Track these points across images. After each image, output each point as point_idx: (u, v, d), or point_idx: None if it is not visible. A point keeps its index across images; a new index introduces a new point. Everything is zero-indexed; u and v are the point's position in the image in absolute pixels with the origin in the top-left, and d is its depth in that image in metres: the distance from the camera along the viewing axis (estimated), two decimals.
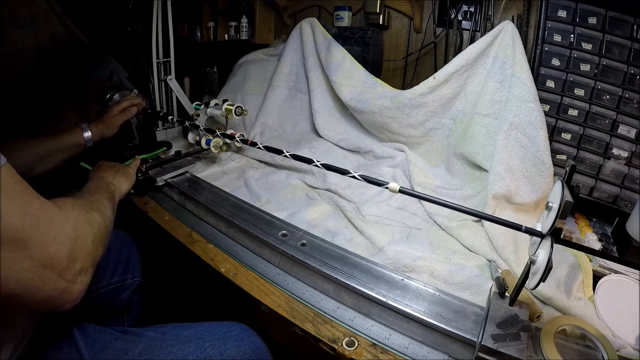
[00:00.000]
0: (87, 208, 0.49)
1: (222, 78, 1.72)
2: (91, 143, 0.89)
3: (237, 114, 1.01)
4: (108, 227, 0.52)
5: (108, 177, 0.72)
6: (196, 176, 1.00)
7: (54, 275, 0.38)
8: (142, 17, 1.36)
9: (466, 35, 1.15)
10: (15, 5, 1.04)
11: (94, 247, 0.45)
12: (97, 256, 0.46)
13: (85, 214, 0.47)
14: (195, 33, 1.87)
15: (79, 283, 0.41)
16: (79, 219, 0.44)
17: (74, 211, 0.44)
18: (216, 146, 1.01)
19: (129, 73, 1.34)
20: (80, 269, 0.41)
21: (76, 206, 0.46)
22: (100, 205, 0.54)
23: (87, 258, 0.43)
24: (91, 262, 0.44)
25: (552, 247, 0.44)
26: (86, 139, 0.88)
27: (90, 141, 0.88)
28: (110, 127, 0.93)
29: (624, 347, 0.54)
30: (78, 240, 0.42)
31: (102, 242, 0.48)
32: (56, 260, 0.38)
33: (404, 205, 0.91)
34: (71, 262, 0.40)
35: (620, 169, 0.82)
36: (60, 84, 1.16)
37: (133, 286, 0.83)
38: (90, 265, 0.44)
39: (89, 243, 0.44)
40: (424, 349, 0.53)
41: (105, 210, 0.54)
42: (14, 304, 0.38)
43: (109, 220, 0.54)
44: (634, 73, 0.78)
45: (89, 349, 0.52)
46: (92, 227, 0.46)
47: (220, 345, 0.55)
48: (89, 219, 0.47)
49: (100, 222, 0.49)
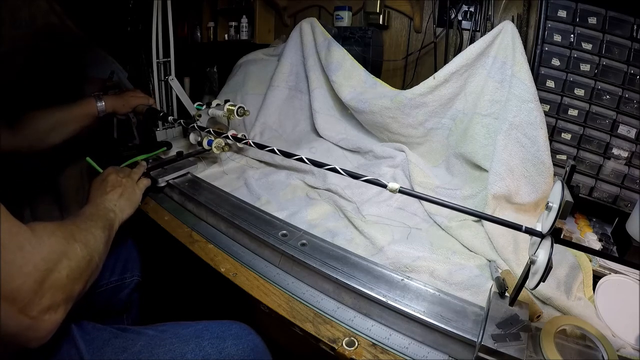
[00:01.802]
0: (70, 238, 0.45)
1: (222, 78, 1.72)
2: (103, 114, 0.89)
3: (239, 114, 1.01)
4: (93, 261, 0.48)
5: (110, 201, 0.67)
6: (196, 176, 1.00)
7: (14, 311, 0.34)
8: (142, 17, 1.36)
9: (466, 35, 1.15)
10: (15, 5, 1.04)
11: (69, 282, 0.41)
12: (72, 292, 0.42)
13: (66, 244, 0.43)
14: (195, 33, 1.87)
15: (46, 321, 0.38)
16: (55, 249, 0.40)
17: (51, 239, 0.40)
18: (218, 147, 1.01)
19: (129, 73, 1.34)
20: (48, 305, 0.37)
21: (56, 233, 0.42)
22: (89, 235, 0.50)
23: (57, 293, 0.39)
24: (63, 298, 0.40)
25: (552, 247, 0.44)
26: (99, 108, 0.88)
27: (103, 111, 0.88)
28: (125, 104, 0.94)
29: (624, 347, 0.54)
30: (49, 273, 0.38)
31: (82, 276, 0.44)
32: (19, 294, 0.34)
33: (404, 205, 0.91)
34: (37, 296, 0.36)
35: (620, 169, 0.82)
36: (60, 83, 1.16)
37: (132, 285, 0.83)
38: (62, 301, 0.40)
39: (63, 277, 0.40)
40: (424, 349, 0.53)
41: (93, 242, 0.50)
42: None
43: (96, 252, 0.50)
44: (634, 73, 0.78)
45: (87, 347, 0.52)
46: (69, 260, 0.42)
47: (219, 343, 0.55)
48: (68, 251, 0.43)
49: (82, 255, 0.45)
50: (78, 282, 0.43)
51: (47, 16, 1.13)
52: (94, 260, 0.49)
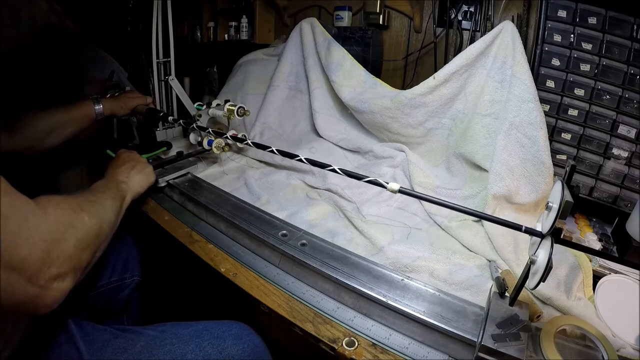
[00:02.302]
0: (77, 208, 0.45)
1: (222, 78, 1.72)
2: (101, 117, 0.89)
3: (239, 114, 1.01)
4: (102, 231, 0.48)
5: (122, 173, 0.68)
6: (196, 176, 1.00)
7: (23, 280, 0.35)
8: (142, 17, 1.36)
9: (466, 35, 1.15)
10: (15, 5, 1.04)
11: (77, 252, 0.41)
12: (80, 261, 0.42)
13: (72, 215, 0.43)
14: (195, 33, 1.87)
15: (54, 289, 0.38)
16: (61, 220, 0.41)
17: (57, 210, 0.41)
18: (218, 147, 1.00)
19: (129, 73, 1.34)
20: (56, 274, 0.38)
21: (62, 205, 0.43)
22: (97, 206, 0.51)
23: (65, 263, 0.39)
24: (71, 267, 0.40)
25: (552, 247, 0.44)
26: (97, 111, 0.88)
27: (101, 114, 0.89)
28: (122, 106, 0.94)
29: (624, 347, 0.54)
30: (56, 243, 0.38)
31: (90, 246, 0.45)
32: (26, 263, 0.35)
33: (404, 205, 0.91)
34: (44, 266, 0.37)
35: (620, 169, 0.82)
36: (60, 84, 1.16)
37: (132, 285, 0.83)
38: (70, 270, 0.40)
39: (70, 246, 0.40)
40: (424, 349, 0.53)
41: (102, 212, 0.50)
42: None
43: (106, 223, 0.50)
44: (634, 73, 0.78)
45: (88, 348, 0.52)
46: (76, 230, 0.42)
47: (219, 343, 0.55)
48: (75, 220, 0.43)
49: (91, 225, 0.45)
50: (86, 251, 0.43)
51: (47, 16, 1.13)
52: (103, 230, 0.48)
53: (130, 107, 0.96)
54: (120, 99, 0.95)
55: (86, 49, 1.25)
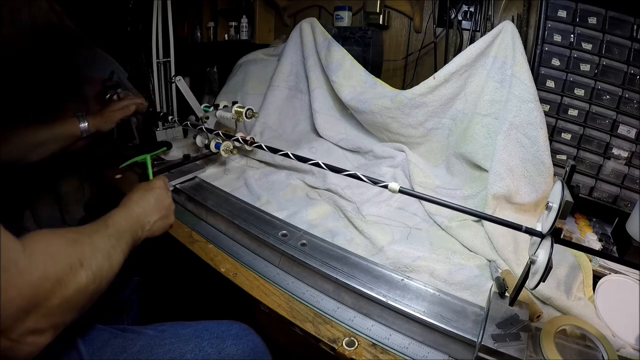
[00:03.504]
0: (75, 262, 0.39)
1: (222, 78, 1.72)
2: (86, 134, 0.87)
3: (248, 116, 0.98)
4: (100, 288, 0.44)
5: (150, 216, 0.59)
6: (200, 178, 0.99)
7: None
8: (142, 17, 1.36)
9: (466, 35, 1.15)
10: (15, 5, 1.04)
11: (60, 312, 0.37)
12: (63, 320, 0.38)
13: (66, 271, 0.38)
14: (195, 33, 1.87)
15: (29, 344, 0.35)
16: (49, 274, 0.36)
17: (47, 262, 0.36)
18: (226, 150, 0.98)
19: (129, 73, 1.34)
20: (32, 328, 0.34)
21: (58, 254, 0.38)
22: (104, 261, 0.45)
23: (43, 320, 0.35)
24: (49, 324, 0.36)
25: (552, 247, 0.44)
26: (82, 129, 0.86)
27: (86, 132, 0.87)
28: (107, 122, 0.92)
29: (624, 347, 0.54)
30: (38, 300, 0.34)
31: (79, 305, 0.40)
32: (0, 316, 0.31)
33: (404, 205, 0.91)
34: (19, 321, 0.33)
35: (620, 169, 0.82)
36: (60, 83, 1.16)
37: (132, 285, 0.83)
38: (48, 327, 0.36)
39: (54, 305, 0.36)
40: (424, 349, 0.53)
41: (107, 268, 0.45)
42: None
43: (107, 278, 0.45)
44: (634, 73, 0.78)
45: (87, 347, 0.52)
46: (65, 289, 0.37)
47: (219, 343, 0.55)
48: (67, 279, 0.37)
49: (86, 284, 0.40)
50: (72, 311, 0.39)
51: (47, 16, 1.13)
52: (100, 287, 0.44)
53: (114, 121, 0.93)
54: (104, 115, 0.92)
55: (86, 49, 1.25)
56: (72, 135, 0.85)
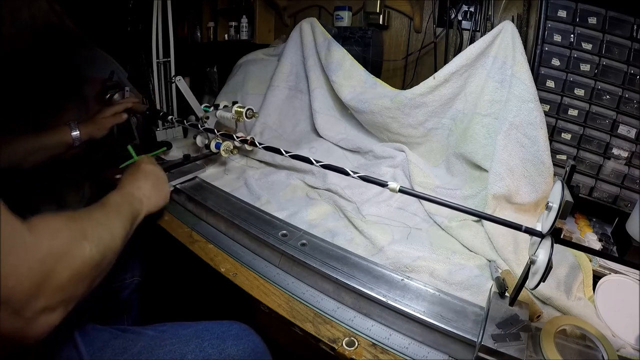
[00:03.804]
0: (78, 236, 0.41)
1: (222, 78, 1.72)
2: (78, 142, 0.86)
3: (248, 116, 0.98)
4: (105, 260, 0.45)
5: (141, 188, 0.62)
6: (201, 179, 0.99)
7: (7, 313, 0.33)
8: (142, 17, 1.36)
9: (466, 35, 1.15)
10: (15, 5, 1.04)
11: (71, 284, 0.38)
12: (74, 293, 0.39)
13: (70, 243, 0.39)
14: (195, 33, 1.87)
15: (41, 322, 0.36)
16: (55, 249, 0.37)
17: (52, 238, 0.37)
18: (226, 150, 0.98)
19: (129, 73, 1.34)
20: (44, 306, 0.35)
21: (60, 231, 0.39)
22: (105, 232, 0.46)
23: (55, 295, 0.36)
24: (62, 299, 0.37)
25: (552, 247, 0.44)
26: (74, 137, 0.85)
27: (78, 140, 0.86)
28: (100, 129, 0.91)
29: (624, 347, 0.54)
30: (47, 275, 0.35)
31: (88, 277, 0.41)
32: (13, 295, 0.32)
33: (404, 205, 0.91)
34: (32, 298, 0.34)
35: (620, 169, 0.82)
36: (60, 83, 1.16)
37: (132, 285, 0.83)
38: (61, 303, 0.37)
39: (64, 278, 0.37)
40: (424, 349, 0.53)
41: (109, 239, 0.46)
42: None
43: (111, 250, 0.46)
44: (634, 73, 0.78)
45: (87, 348, 0.52)
46: (73, 260, 0.39)
47: (219, 344, 0.55)
48: (72, 250, 0.39)
49: (91, 255, 0.41)
50: (82, 283, 0.40)
51: (47, 16, 1.13)
52: (106, 259, 0.45)
53: (107, 128, 0.92)
54: (96, 122, 0.91)
55: (86, 49, 1.25)
56: (63, 144, 0.84)
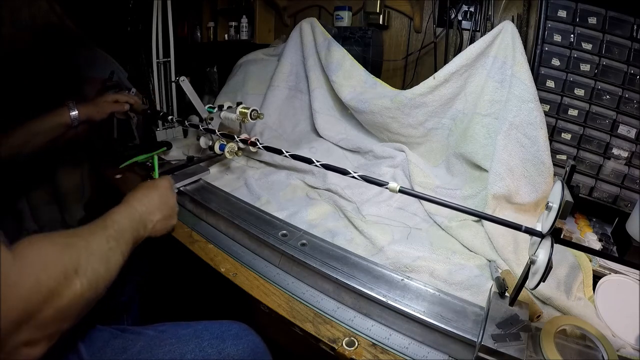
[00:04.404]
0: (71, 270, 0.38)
1: (222, 78, 1.72)
2: (77, 122, 0.86)
3: (253, 117, 0.96)
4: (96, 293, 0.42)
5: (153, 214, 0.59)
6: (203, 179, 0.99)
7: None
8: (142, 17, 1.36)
9: (466, 35, 1.15)
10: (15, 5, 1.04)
11: (56, 322, 0.36)
12: (58, 330, 0.37)
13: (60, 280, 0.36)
14: (195, 33, 1.87)
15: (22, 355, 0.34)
16: (44, 286, 0.34)
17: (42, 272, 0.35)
18: (231, 152, 0.96)
19: (129, 73, 1.34)
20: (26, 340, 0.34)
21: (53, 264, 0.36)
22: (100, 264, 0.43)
23: (36, 332, 0.34)
24: (43, 335, 0.35)
25: (552, 247, 0.44)
26: (72, 117, 0.85)
27: (77, 120, 0.86)
28: (99, 111, 0.90)
29: (624, 347, 0.54)
30: (32, 312, 0.33)
31: (74, 314, 0.39)
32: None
33: (404, 205, 0.91)
34: (12, 334, 0.32)
35: (620, 169, 0.82)
36: (60, 84, 1.16)
37: (132, 285, 0.83)
38: (42, 338, 0.35)
39: (48, 317, 0.35)
40: (424, 349, 0.53)
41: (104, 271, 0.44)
42: None
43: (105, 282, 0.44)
44: (634, 73, 0.78)
45: (87, 348, 0.52)
46: (60, 299, 0.36)
47: (219, 344, 0.55)
48: (63, 288, 0.36)
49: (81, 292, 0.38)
50: (68, 320, 0.38)
51: (47, 16, 1.13)
52: (97, 292, 0.42)
53: (106, 113, 0.91)
54: (98, 104, 0.90)
55: (86, 49, 1.25)
56: (62, 124, 0.84)
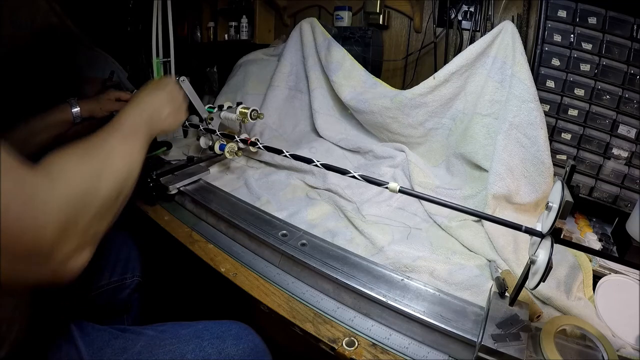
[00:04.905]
0: (94, 174, 0.39)
1: (222, 78, 1.72)
2: (79, 119, 0.85)
3: (253, 117, 0.96)
4: (125, 190, 0.44)
5: (162, 111, 0.59)
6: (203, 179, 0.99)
7: (34, 264, 0.32)
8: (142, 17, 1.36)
9: (466, 35, 1.15)
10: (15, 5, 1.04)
11: (95, 223, 0.38)
12: (99, 230, 0.39)
13: (90, 182, 0.38)
14: (195, 33, 1.87)
15: (71, 265, 0.35)
16: (76, 191, 0.36)
17: (69, 182, 0.36)
18: (231, 152, 0.96)
19: (129, 73, 1.34)
20: (74, 248, 0.35)
21: (78, 174, 0.37)
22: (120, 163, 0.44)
23: (81, 236, 0.36)
24: (87, 239, 0.37)
25: (552, 247, 0.44)
26: (74, 114, 0.84)
27: (79, 117, 0.85)
28: (102, 108, 0.90)
29: (624, 347, 0.54)
30: (70, 219, 0.34)
31: (110, 212, 0.41)
32: (39, 246, 0.31)
33: (404, 205, 0.91)
34: (58, 244, 0.33)
35: (620, 169, 0.82)
36: (60, 84, 1.16)
37: (132, 285, 0.83)
38: (88, 242, 0.37)
39: (87, 220, 0.36)
40: (424, 349, 0.53)
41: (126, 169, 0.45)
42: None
43: (130, 179, 0.45)
44: (634, 73, 0.78)
45: (87, 348, 0.52)
46: (94, 200, 0.38)
47: (219, 344, 0.55)
48: (90, 192, 0.38)
49: (111, 190, 0.40)
50: (103, 221, 0.40)
51: (47, 16, 1.13)
52: (124, 191, 0.44)
53: (108, 111, 0.91)
54: (100, 101, 0.90)
55: (86, 49, 1.25)
56: (64, 121, 0.83)
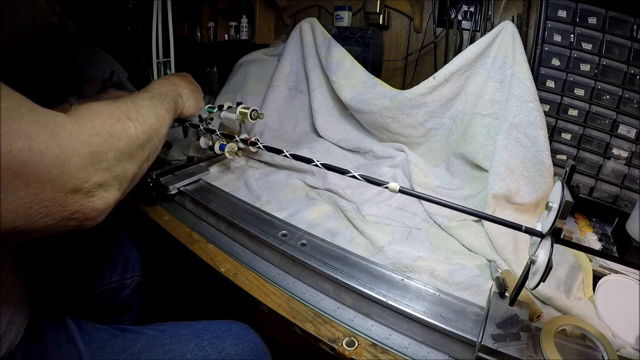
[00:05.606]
0: (122, 117, 0.41)
1: (222, 78, 1.72)
2: None
3: (253, 117, 0.95)
4: (152, 142, 0.45)
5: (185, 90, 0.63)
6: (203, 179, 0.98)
7: (58, 200, 0.33)
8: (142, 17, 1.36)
9: (466, 35, 1.15)
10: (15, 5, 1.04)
11: (118, 163, 0.39)
12: (124, 172, 0.40)
13: (114, 124, 0.40)
14: (195, 33, 1.87)
15: (100, 198, 0.36)
16: (99, 130, 0.37)
17: (94, 121, 0.37)
18: (231, 152, 0.95)
19: (129, 73, 1.34)
20: (99, 181, 0.36)
21: (102, 114, 0.39)
22: (150, 114, 0.46)
23: (108, 171, 0.37)
24: (112, 177, 0.38)
25: (552, 247, 0.44)
26: None
27: None
28: None
29: (624, 347, 0.54)
30: (94, 155, 0.36)
31: (135, 156, 0.42)
32: (61, 181, 0.32)
33: (404, 205, 0.91)
34: (86, 176, 0.35)
35: (620, 169, 0.82)
36: (60, 84, 1.16)
37: (132, 285, 0.83)
38: (112, 180, 0.38)
39: (111, 158, 0.38)
40: (424, 349, 0.53)
41: (154, 121, 0.46)
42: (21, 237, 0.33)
43: (156, 134, 0.46)
44: (634, 73, 0.78)
45: (87, 348, 0.52)
46: (118, 140, 0.39)
47: (219, 343, 0.55)
48: (116, 130, 0.39)
49: (136, 135, 0.42)
50: (130, 161, 0.40)
51: (47, 16, 1.13)
52: (152, 141, 0.45)
53: None
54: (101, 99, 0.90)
55: (86, 49, 1.25)
56: None
